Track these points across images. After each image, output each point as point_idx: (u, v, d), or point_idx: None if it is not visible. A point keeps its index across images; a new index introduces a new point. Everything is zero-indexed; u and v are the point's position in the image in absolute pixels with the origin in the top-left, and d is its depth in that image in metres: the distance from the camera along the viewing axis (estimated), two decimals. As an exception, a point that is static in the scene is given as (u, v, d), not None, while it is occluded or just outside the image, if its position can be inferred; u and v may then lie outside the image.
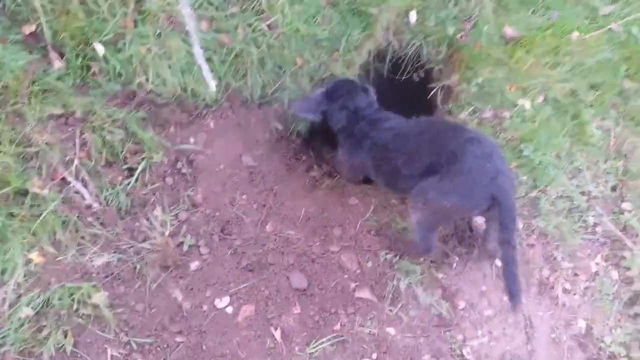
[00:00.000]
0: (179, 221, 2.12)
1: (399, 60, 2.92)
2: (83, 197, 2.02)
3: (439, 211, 2.02)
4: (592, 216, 2.65)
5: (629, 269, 2.58)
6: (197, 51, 2.07)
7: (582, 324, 2.44)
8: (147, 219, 2.08)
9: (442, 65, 2.87)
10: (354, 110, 2.26)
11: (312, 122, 2.59)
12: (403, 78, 2.98)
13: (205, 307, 2.03)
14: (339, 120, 2.28)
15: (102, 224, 2.05)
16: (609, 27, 2.90)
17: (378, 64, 2.89)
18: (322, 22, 2.57)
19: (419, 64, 2.93)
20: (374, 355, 2.15)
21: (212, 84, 2.04)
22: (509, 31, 2.77)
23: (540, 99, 2.76)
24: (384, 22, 2.68)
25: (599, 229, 2.64)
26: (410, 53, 2.87)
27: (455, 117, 2.73)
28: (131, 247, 2.04)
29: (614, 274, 2.58)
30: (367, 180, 2.42)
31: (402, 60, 2.93)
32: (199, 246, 2.12)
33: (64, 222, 1.99)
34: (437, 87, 2.83)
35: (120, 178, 2.11)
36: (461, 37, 2.79)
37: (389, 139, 2.14)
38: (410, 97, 2.96)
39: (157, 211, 2.09)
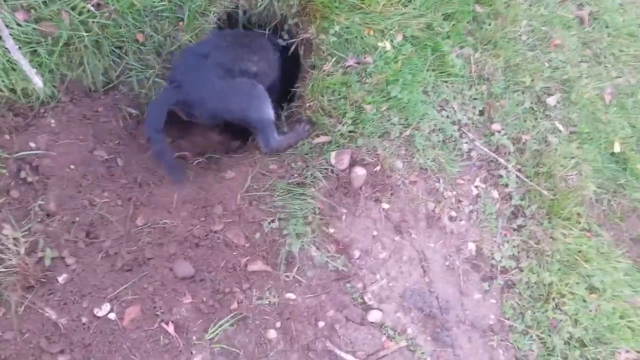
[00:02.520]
0: (34, 235, 2.04)
1: (252, 20, 2.96)
2: None
3: None
4: (466, 143, 2.90)
5: (506, 185, 2.89)
6: (11, 46, 1.98)
7: (471, 246, 2.71)
8: (-2, 241, 1.98)
9: (298, 19, 2.94)
10: None
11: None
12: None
13: (84, 319, 2.00)
14: None
15: (-57, 257, 1.93)
16: (452, -45, 3.11)
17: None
18: (157, -8, 2.52)
19: (274, 22, 2.99)
20: (278, 324, 2.25)
21: (37, 80, 1.96)
22: (355, -27, 2.89)
23: (399, 38, 2.93)
24: (225, -18, 2.68)
25: (473, 154, 2.90)
26: (262, 12, 2.90)
27: (320, 70, 2.83)
28: (-16, 274, 1.95)
29: (494, 193, 2.87)
30: None
31: (256, 19, 2.97)
32: (63, 257, 2.07)
33: None
34: (296, 42, 2.91)
35: (-45, 203, 1.98)
36: (310, -14, 2.87)
37: None
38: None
39: (7, 230, 2.00)
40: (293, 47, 2.97)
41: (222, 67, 2.50)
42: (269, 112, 2.60)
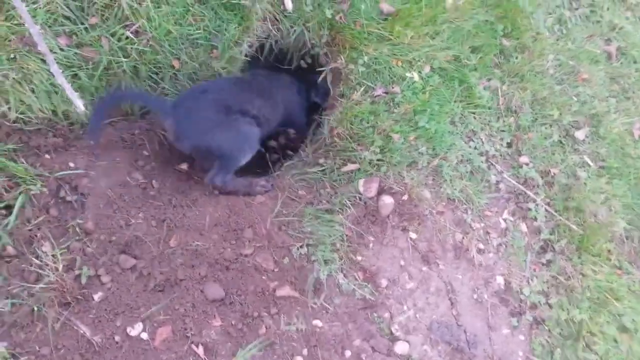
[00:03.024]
0: (72, 253, 2.20)
1: (283, 49, 3.17)
2: (-41, 247, 2.05)
3: None
4: (494, 175, 3.05)
5: (535, 219, 3.01)
6: (56, 70, 2.17)
7: (500, 280, 2.82)
8: (37, 257, 2.14)
9: (327, 49, 3.14)
10: None
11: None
12: (293, 66, 3.26)
13: (117, 338, 2.13)
14: None
15: (-16, 271, 2.08)
16: (480, -10, 3.32)
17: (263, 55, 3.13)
18: (194, 21, 2.73)
19: (304, 50, 3.20)
20: (305, 351, 2.36)
21: (79, 103, 2.14)
22: (385, 7, 3.11)
23: (427, 69, 3.12)
24: (259, 12, 2.90)
25: (502, 185, 3.04)
26: (292, 41, 3.11)
27: (349, 99, 3.01)
28: (24, 289, 2.09)
29: (523, 227, 2.99)
30: None
31: (287, 48, 3.19)
32: (99, 275, 2.21)
33: (-60, 277, 2.01)
34: (325, 71, 3.10)
35: (-2, 218, 2.15)
36: (340, 18, 3.08)
37: None
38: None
39: (46, 247, 2.16)
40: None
41: (220, 103, 2.65)
42: (244, 157, 2.71)
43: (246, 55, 3.04)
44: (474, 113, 3.14)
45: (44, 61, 2.39)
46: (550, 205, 3.06)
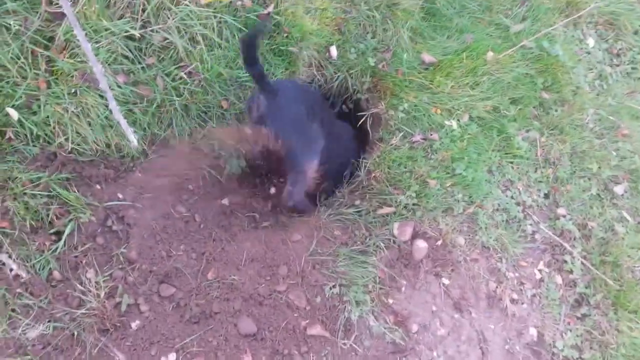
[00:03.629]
0: (114, 281, 2.21)
1: (326, 94, 3.20)
2: (11, 268, 2.08)
3: None
4: (530, 225, 2.95)
5: (571, 272, 2.89)
6: (114, 107, 2.24)
7: (533, 331, 2.69)
8: (81, 283, 2.16)
9: (368, 95, 3.16)
10: None
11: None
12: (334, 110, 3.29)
13: (151, 367, 2.12)
14: None
15: (31, 293, 2.11)
16: (521, 44, 3.30)
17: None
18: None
19: (346, 95, 3.22)
20: (333, 392, 2.28)
21: (133, 138, 2.19)
22: (427, 57, 3.11)
23: (466, 118, 3.08)
24: (305, 59, 2.95)
25: (537, 236, 2.94)
26: (335, 86, 3.14)
27: (388, 143, 2.99)
28: (66, 314, 2.11)
29: (558, 279, 2.87)
30: None
31: (329, 93, 3.21)
32: (138, 304, 2.21)
33: (-9, 297, 2.05)
34: (366, 116, 3.11)
35: (48, 243, 2.19)
36: (383, 66, 3.11)
37: None
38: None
39: (90, 273, 2.18)
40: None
41: (309, 107, 2.62)
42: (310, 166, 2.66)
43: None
44: (511, 163, 3.07)
45: (101, 97, 2.47)
46: (586, 259, 2.93)
